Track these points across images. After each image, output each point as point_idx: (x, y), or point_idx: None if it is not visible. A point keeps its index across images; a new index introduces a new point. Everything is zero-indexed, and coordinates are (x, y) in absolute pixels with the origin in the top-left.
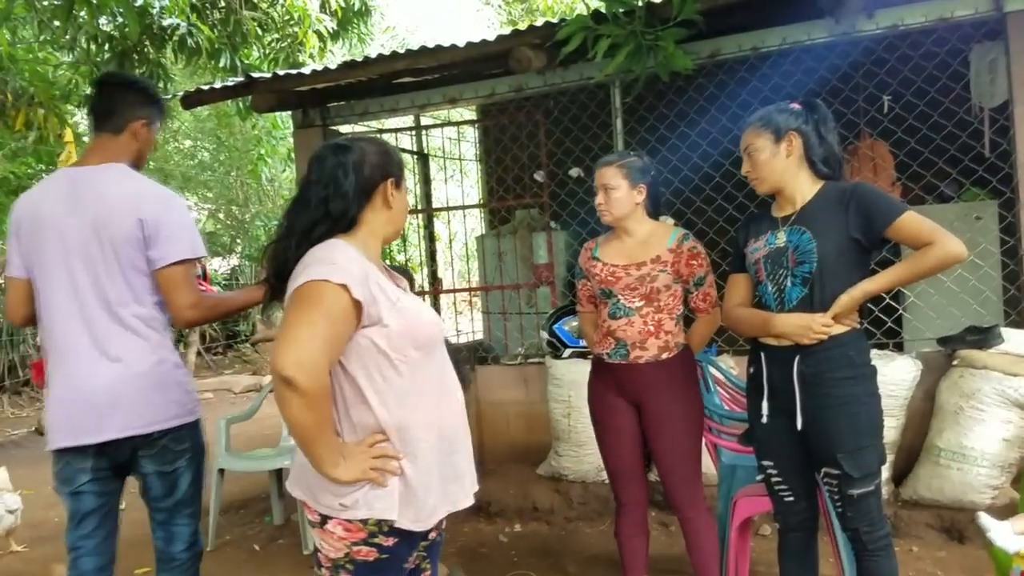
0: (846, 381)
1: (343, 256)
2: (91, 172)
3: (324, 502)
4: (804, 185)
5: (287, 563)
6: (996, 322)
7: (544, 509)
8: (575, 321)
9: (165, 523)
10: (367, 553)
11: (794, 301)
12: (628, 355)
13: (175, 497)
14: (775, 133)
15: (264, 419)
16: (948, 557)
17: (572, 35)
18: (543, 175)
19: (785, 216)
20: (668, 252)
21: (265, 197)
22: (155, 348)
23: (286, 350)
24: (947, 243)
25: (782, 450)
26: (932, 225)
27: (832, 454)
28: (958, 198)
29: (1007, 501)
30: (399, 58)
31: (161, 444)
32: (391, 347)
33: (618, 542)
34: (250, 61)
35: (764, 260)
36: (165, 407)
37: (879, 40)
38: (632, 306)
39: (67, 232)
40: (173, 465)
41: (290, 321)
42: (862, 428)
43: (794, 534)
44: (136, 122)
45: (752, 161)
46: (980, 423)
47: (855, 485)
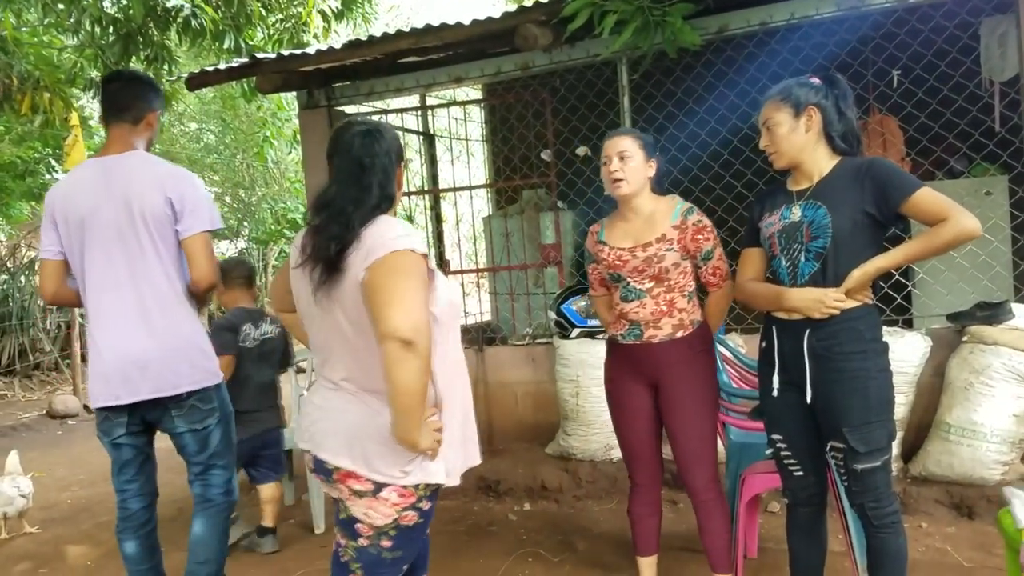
0: (855, 356)
1: (408, 228)
2: (118, 160)
3: (383, 470)
4: (822, 160)
5: (298, 542)
6: (1006, 297)
7: (552, 488)
8: (583, 301)
9: (202, 474)
10: (411, 518)
11: (807, 276)
12: (642, 335)
13: (208, 451)
14: (795, 107)
15: None
16: (957, 533)
17: (578, 11)
18: (550, 154)
19: (801, 190)
20: (672, 229)
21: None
22: (183, 318)
23: (405, 314)
24: (962, 219)
25: (792, 424)
26: (947, 201)
27: (838, 428)
28: (968, 173)
29: (1017, 477)
30: (404, 37)
31: (190, 404)
32: (440, 314)
33: (631, 520)
34: (254, 42)
35: (779, 235)
36: (191, 372)
37: (888, 14)
38: (642, 288)
39: (103, 215)
40: (204, 423)
41: (396, 288)
42: (870, 403)
43: (803, 509)
44: (152, 113)
45: (771, 135)
46: (990, 399)
47: (860, 460)
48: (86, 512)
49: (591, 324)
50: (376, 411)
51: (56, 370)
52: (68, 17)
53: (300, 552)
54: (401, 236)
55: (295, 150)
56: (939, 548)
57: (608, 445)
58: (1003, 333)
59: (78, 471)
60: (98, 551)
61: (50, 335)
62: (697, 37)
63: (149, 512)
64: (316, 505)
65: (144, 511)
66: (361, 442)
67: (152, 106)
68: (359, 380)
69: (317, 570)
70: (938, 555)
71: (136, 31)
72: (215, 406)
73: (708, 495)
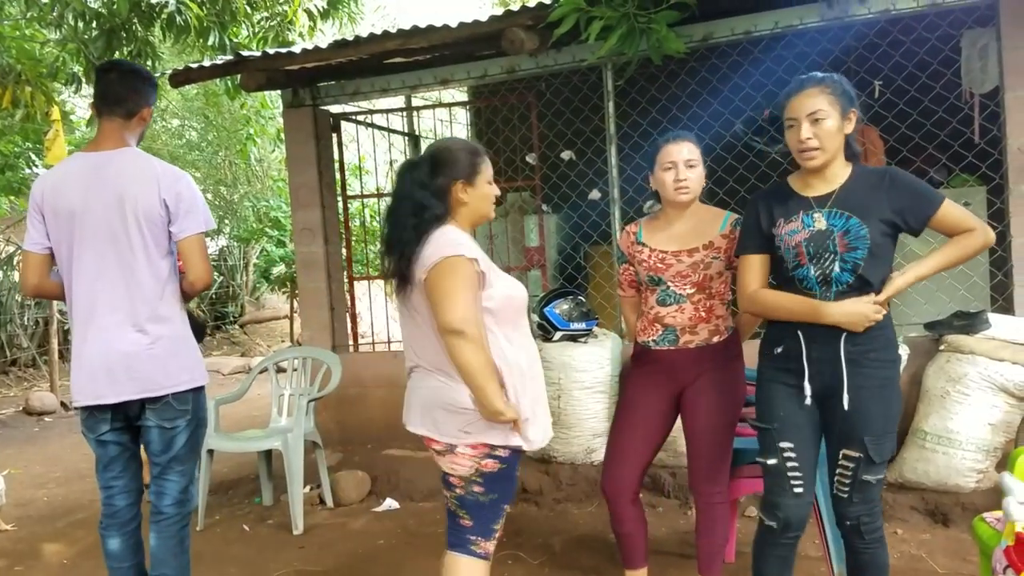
0: (888, 364)
1: (461, 237)
2: (111, 156)
3: (447, 432)
4: (840, 166)
5: (276, 542)
6: (983, 307)
7: (533, 490)
8: (566, 304)
9: (158, 477)
10: (491, 465)
11: (844, 286)
12: (678, 341)
13: (170, 453)
14: (845, 105)
15: (253, 400)
16: (932, 539)
17: (565, 16)
18: (535, 158)
19: (819, 197)
20: (721, 238)
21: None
22: (173, 318)
23: (452, 310)
24: (987, 229)
25: (806, 436)
26: (967, 211)
27: (859, 437)
28: (947, 184)
29: (991, 485)
30: (390, 38)
31: (165, 401)
32: (495, 307)
33: (617, 535)
34: (239, 40)
35: (806, 243)
36: (177, 373)
37: (871, 25)
38: (683, 293)
39: (95, 212)
40: (173, 423)
41: (446, 288)
42: (892, 413)
43: (789, 535)
44: (146, 108)
45: (818, 128)
46: (966, 407)
47: (872, 470)
48: (62, 510)
49: (574, 327)
50: (441, 385)
51: (33, 367)
52: (51, 11)
53: (278, 553)
54: (451, 244)
55: (279, 148)
56: (914, 554)
57: (589, 448)
58: (980, 343)
59: (54, 468)
60: (74, 549)
61: (27, 331)
62: (682, 45)
63: (134, 509)
64: (295, 505)
65: (129, 508)
66: (431, 411)
67: (147, 101)
68: (430, 361)
69: (295, 571)
70: (913, 561)
71: (120, 26)
72: (188, 408)
73: (718, 498)
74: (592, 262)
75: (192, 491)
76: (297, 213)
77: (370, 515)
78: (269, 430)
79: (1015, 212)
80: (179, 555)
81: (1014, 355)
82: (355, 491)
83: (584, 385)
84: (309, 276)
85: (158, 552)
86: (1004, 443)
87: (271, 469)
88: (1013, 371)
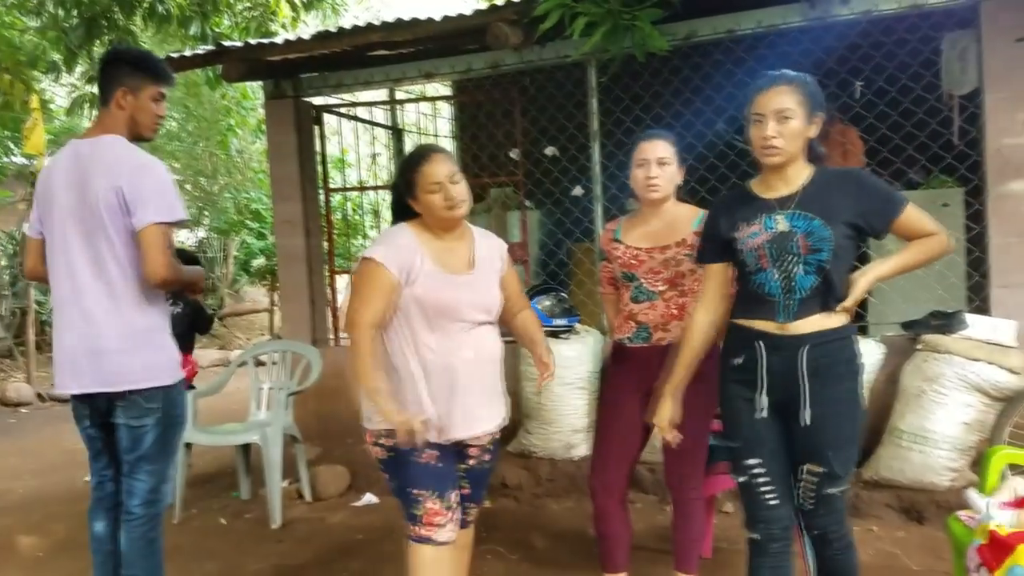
0: (849, 376)
1: (389, 238)
2: (87, 144)
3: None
4: (801, 167)
5: (254, 536)
6: (960, 308)
7: (513, 485)
8: (548, 300)
9: (127, 476)
10: (380, 452)
11: (807, 290)
12: (650, 338)
13: (138, 452)
14: (811, 107)
15: (232, 394)
16: (907, 537)
17: (550, 12)
18: (518, 153)
19: (781, 198)
20: (694, 235)
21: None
22: (138, 312)
23: (347, 309)
24: (948, 236)
25: (771, 448)
26: (929, 216)
27: (823, 451)
28: (926, 184)
29: (965, 483)
30: (374, 30)
31: (132, 399)
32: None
33: (599, 537)
34: (221, 29)
35: (768, 245)
36: (140, 369)
37: (852, 25)
38: (655, 290)
39: (66, 201)
40: (141, 421)
41: (351, 287)
42: (855, 425)
43: (775, 545)
44: (118, 92)
45: (784, 127)
46: (942, 407)
47: (836, 483)
48: (37, 502)
49: (555, 323)
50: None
51: (10, 357)
52: None
53: (256, 547)
54: (372, 245)
55: (260, 140)
56: (889, 552)
57: (569, 444)
58: (956, 342)
59: (29, 461)
60: (48, 541)
61: (4, 321)
62: (665, 42)
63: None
64: (274, 499)
65: (119, 493)
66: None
67: (119, 85)
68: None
69: (272, 566)
70: (888, 559)
71: (101, 14)
72: (158, 407)
73: (694, 494)
74: (574, 259)
75: (164, 490)
76: (278, 205)
77: (349, 509)
78: (247, 424)
79: (993, 213)
80: (148, 556)
81: (989, 355)
82: (334, 485)
83: (565, 381)
84: (290, 269)
85: (127, 552)
86: (978, 442)
87: (249, 463)
88: (988, 371)
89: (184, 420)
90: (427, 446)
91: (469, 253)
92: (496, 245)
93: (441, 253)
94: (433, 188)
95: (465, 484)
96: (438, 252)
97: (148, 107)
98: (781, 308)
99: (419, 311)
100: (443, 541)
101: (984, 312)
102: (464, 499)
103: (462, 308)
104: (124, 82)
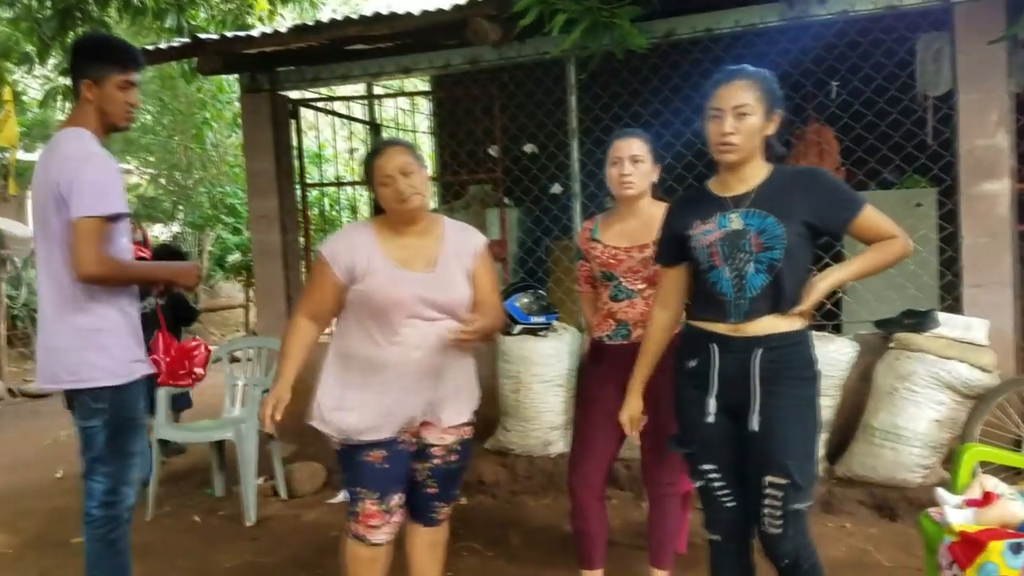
0: (805, 382)
1: (344, 231)
2: (54, 138)
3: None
4: (758, 166)
5: (228, 534)
6: (932, 306)
7: (490, 483)
8: (526, 298)
9: (86, 476)
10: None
11: (757, 288)
12: (630, 335)
13: (91, 453)
14: (770, 104)
15: (206, 390)
16: (879, 533)
17: (529, 8)
18: (497, 150)
19: (736, 196)
20: None
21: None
22: (83, 310)
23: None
24: (907, 239)
25: (726, 452)
26: (888, 219)
27: (782, 461)
28: (900, 184)
29: (937, 480)
30: (352, 24)
31: (81, 399)
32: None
33: (576, 534)
34: (197, 22)
35: (720, 243)
36: (85, 369)
37: (829, 26)
38: (634, 288)
39: (35, 197)
40: (89, 422)
41: None
42: (811, 434)
43: (733, 544)
44: (82, 84)
45: (741, 123)
46: (914, 404)
47: (800, 498)
48: (7, 500)
49: (533, 321)
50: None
51: None
52: None
53: (230, 544)
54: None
55: (235, 134)
56: (861, 548)
57: (546, 441)
58: (928, 341)
59: (0, 456)
60: (18, 539)
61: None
62: (644, 40)
63: None
64: (248, 496)
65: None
66: None
67: (83, 74)
68: None
69: (246, 563)
70: (860, 555)
71: (74, 6)
72: (104, 407)
73: (670, 489)
74: (553, 256)
75: (124, 492)
76: (254, 200)
77: (324, 507)
78: (222, 420)
79: (966, 214)
80: (108, 558)
81: (961, 353)
82: (309, 483)
83: (543, 379)
84: (265, 265)
85: (88, 553)
86: (950, 439)
87: (223, 460)
88: (960, 369)
89: (137, 423)
90: (373, 446)
91: (434, 249)
92: (469, 240)
93: (398, 249)
94: (385, 181)
95: (432, 484)
96: (395, 248)
97: (115, 96)
98: (732, 308)
99: (366, 306)
100: (377, 543)
101: (956, 311)
102: (432, 498)
103: (412, 305)
104: (87, 73)
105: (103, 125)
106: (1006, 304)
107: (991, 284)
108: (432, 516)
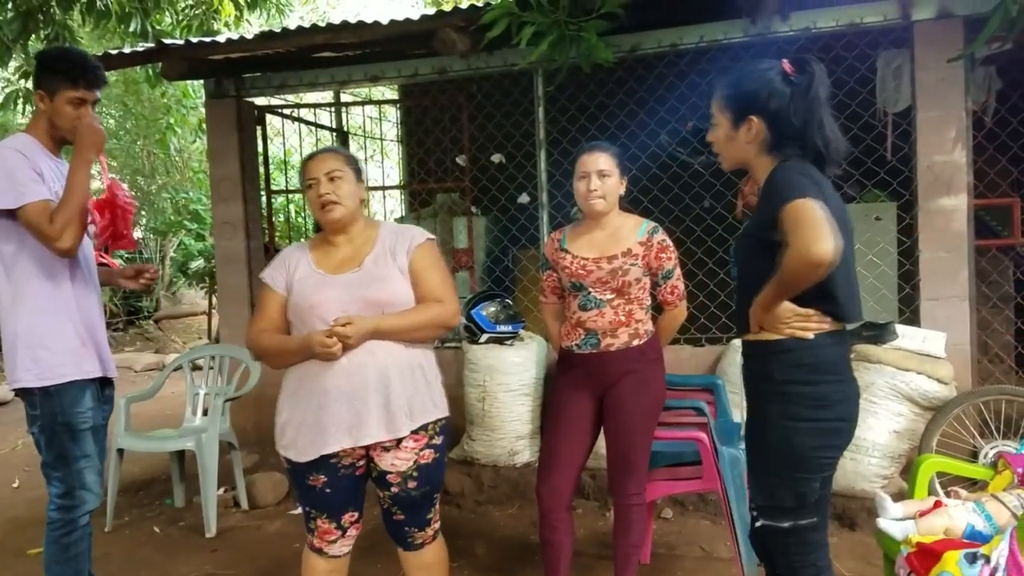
0: (761, 396)
1: (285, 251)
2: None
3: None
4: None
5: (188, 545)
6: (891, 319)
7: (455, 492)
8: (493, 307)
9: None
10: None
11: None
12: (599, 344)
13: (41, 456)
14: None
15: (166, 399)
16: (839, 543)
17: (497, 20)
18: (465, 159)
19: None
20: (639, 245)
21: (173, 168)
22: (18, 310)
23: None
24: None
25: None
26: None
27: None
28: (859, 198)
29: (896, 490)
30: (319, 32)
31: (23, 405)
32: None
33: (545, 543)
34: (162, 27)
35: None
36: (17, 371)
37: (792, 42)
38: (603, 298)
39: None
40: (30, 428)
41: None
42: (769, 454)
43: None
44: (36, 95)
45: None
46: (873, 415)
47: (763, 514)
48: None
49: (500, 330)
50: None
51: None
52: None
53: (190, 556)
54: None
55: (200, 139)
56: None
57: (512, 451)
58: (887, 352)
59: None
60: None
61: None
62: (610, 54)
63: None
64: (209, 507)
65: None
66: None
67: (37, 85)
68: None
69: (207, 574)
70: None
71: (37, 8)
72: (37, 413)
73: (636, 500)
74: (520, 265)
75: (79, 496)
76: (218, 207)
77: (286, 518)
78: (182, 429)
79: (924, 228)
80: (62, 562)
81: (919, 365)
82: (271, 493)
83: (509, 388)
84: (229, 272)
85: (44, 556)
86: (908, 450)
87: (184, 470)
88: (918, 381)
89: (76, 428)
90: (313, 469)
91: (365, 251)
92: (404, 236)
93: (327, 257)
94: (309, 183)
95: (397, 511)
96: (325, 256)
97: (64, 111)
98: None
99: (296, 315)
100: (335, 555)
101: (914, 323)
102: (401, 524)
103: (335, 307)
104: (40, 84)
105: (52, 138)
106: (963, 317)
107: (948, 297)
108: (409, 542)
